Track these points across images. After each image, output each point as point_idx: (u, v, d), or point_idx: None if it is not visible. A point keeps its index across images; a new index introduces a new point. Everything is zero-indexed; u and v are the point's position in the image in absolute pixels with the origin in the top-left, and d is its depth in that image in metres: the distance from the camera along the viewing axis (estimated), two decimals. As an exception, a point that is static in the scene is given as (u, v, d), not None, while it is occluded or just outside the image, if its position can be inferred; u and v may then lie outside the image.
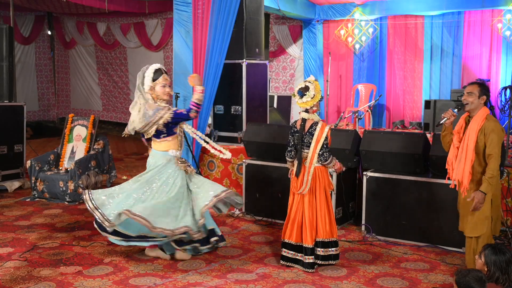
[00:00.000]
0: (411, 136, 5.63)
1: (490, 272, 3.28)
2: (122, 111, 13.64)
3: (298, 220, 4.53)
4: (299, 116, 4.58)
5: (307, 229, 4.47)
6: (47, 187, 6.93)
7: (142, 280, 4.28)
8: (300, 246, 4.53)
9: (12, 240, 5.27)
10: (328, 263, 4.55)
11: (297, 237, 4.54)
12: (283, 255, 4.61)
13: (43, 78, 14.45)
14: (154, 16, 12.40)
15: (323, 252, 4.51)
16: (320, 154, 4.41)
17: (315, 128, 4.43)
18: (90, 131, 7.39)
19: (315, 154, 4.41)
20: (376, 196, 5.47)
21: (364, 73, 10.75)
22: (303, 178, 4.46)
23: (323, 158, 4.43)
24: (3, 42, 7.68)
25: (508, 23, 9.14)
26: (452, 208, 5.05)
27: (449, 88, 9.67)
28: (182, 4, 7.15)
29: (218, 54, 6.88)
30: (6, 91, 7.69)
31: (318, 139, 4.40)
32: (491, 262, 3.29)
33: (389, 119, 10.53)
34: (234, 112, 7.15)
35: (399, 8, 9.92)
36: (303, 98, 4.45)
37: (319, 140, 4.40)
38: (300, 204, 4.53)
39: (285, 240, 4.59)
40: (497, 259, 3.28)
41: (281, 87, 11.62)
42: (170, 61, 12.01)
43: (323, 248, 4.50)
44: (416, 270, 4.57)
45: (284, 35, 11.40)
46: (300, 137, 4.48)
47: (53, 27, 14.43)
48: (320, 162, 4.44)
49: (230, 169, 6.94)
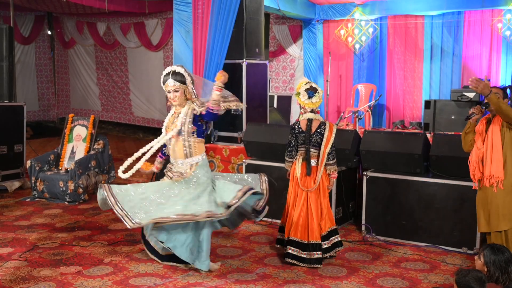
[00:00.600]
0: (411, 136, 5.63)
1: (490, 272, 3.28)
2: (122, 111, 13.63)
3: (303, 218, 4.61)
4: (303, 117, 4.69)
5: (314, 226, 4.58)
6: (47, 187, 6.93)
7: (142, 280, 4.28)
8: (304, 244, 4.58)
9: (12, 240, 5.27)
10: (335, 251, 4.74)
11: (302, 234, 4.60)
12: (289, 252, 4.64)
13: (43, 78, 14.45)
14: (154, 16, 12.40)
15: (328, 244, 4.67)
16: (329, 153, 4.61)
17: (324, 128, 4.62)
18: (90, 131, 7.39)
19: (326, 153, 4.60)
20: (376, 196, 5.47)
21: (364, 73, 10.75)
22: (315, 177, 4.61)
23: (331, 156, 4.65)
24: (3, 42, 7.68)
25: (508, 23, 9.14)
26: (452, 208, 5.06)
27: (449, 88, 9.67)
28: (182, 4, 7.15)
29: (218, 54, 6.89)
30: (6, 91, 7.69)
31: (328, 139, 4.61)
32: (491, 262, 3.29)
33: (389, 119, 10.53)
34: (234, 112, 7.15)
35: (399, 8, 9.93)
36: (312, 98, 4.59)
37: (329, 139, 4.61)
38: (305, 202, 4.63)
39: (291, 237, 4.65)
40: (496, 259, 3.28)
41: (281, 87, 11.62)
42: (170, 61, 12.00)
43: (327, 240, 4.66)
44: (416, 270, 4.57)
45: (284, 35, 11.40)
46: (308, 137, 4.60)
47: (53, 27, 14.42)
48: (329, 160, 4.63)
49: (230, 169, 6.94)
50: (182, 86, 4.39)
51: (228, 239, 5.40)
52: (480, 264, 3.36)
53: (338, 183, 5.58)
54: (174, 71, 4.39)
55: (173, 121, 4.50)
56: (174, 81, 4.36)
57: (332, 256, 4.75)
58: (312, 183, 4.61)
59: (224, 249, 5.09)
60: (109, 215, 6.24)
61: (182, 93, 4.42)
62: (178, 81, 4.37)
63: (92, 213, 6.33)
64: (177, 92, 4.40)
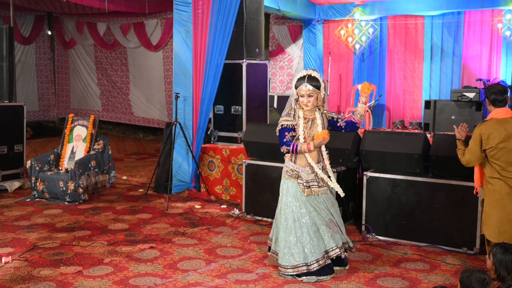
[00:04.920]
0: (411, 136, 5.63)
1: (497, 271, 3.26)
2: (122, 111, 13.64)
3: None
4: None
5: None
6: (47, 187, 6.93)
7: (142, 280, 4.28)
8: None
9: (12, 240, 5.27)
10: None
11: None
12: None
13: (43, 78, 14.45)
14: (154, 16, 12.40)
15: None
16: None
17: None
18: (90, 131, 7.39)
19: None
20: (376, 196, 5.47)
21: (364, 73, 10.75)
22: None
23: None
24: (3, 42, 7.68)
25: (508, 23, 9.14)
26: (452, 208, 5.06)
27: (449, 88, 9.67)
28: (182, 4, 7.15)
29: (218, 54, 6.89)
30: (6, 91, 7.69)
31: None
32: (498, 262, 3.26)
33: (389, 119, 10.53)
34: (234, 112, 7.15)
35: (399, 8, 9.92)
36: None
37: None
38: None
39: None
40: (503, 259, 3.25)
41: (281, 87, 11.61)
42: (170, 61, 12.00)
43: None
44: (416, 270, 4.57)
45: (284, 35, 11.40)
46: None
47: (53, 27, 14.42)
48: None
49: (230, 169, 6.94)
50: (316, 91, 4.29)
51: (228, 239, 5.40)
52: (490, 263, 3.35)
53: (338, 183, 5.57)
54: (310, 75, 4.29)
55: (308, 127, 4.37)
56: (310, 85, 4.26)
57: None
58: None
59: (224, 249, 5.09)
60: (109, 215, 6.24)
61: (315, 99, 4.32)
62: (313, 86, 4.27)
63: (92, 213, 6.33)
64: (311, 97, 4.29)
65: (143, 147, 11.84)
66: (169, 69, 12.14)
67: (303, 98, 4.30)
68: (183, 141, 7.08)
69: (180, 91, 7.16)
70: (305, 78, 4.27)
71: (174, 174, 7.14)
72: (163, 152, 7.31)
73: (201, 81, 7.02)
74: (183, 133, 7.04)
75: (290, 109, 4.44)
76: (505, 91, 4.04)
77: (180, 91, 7.14)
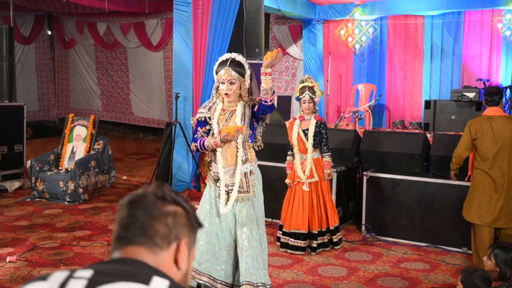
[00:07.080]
0: (411, 136, 5.64)
1: (502, 271, 3.23)
2: (122, 111, 13.63)
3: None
4: None
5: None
6: (47, 187, 6.93)
7: (142, 280, 4.27)
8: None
9: (12, 240, 5.27)
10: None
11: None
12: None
13: (43, 78, 14.44)
14: (154, 16, 12.39)
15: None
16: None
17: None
18: (90, 131, 7.38)
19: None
20: (376, 196, 5.47)
21: (364, 73, 10.75)
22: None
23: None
24: (3, 42, 7.67)
25: (508, 23, 9.14)
26: (452, 208, 5.06)
27: (449, 88, 9.67)
28: (182, 4, 7.15)
29: (218, 54, 6.87)
30: (6, 91, 7.68)
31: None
32: (502, 261, 3.23)
33: (389, 119, 10.53)
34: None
35: (399, 8, 9.92)
36: None
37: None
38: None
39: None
40: (508, 258, 3.23)
41: (281, 87, 11.60)
42: (170, 61, 12.00)
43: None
44: (416, 270, 4.57)
45: (284, 35, 11.39)
46: None
47: (53, 27, 14.42)
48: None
49: (230, 169, 6.93)
50: (240, 79, 3.59)
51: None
52: (491, 264, 3.29)
53: (338, 183, 5.59)
54: (234, 59, 3.57)
55: (224, 119, 3.68)
56: (233, 71, 3.55)
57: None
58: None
59: (224, 249, 5.09)
60: (109, 215, 6.24)
61: (238, 87, 3.61)
62: (236, 71, 3.56)
63: (92, 213, 6.32)
64: (233, 85, 3.58)
65: (143, 147, 11.84)
66: (169, 69, 12.13)
67: (223, 86, 3.56)
68: (183, 141, 7.08)
69: (180, 91, 7.15)
70: (228, 62, 3.55)
71: (174, 174, 7.14)
72: (163, 152, 7.31)
73: (201, 81, 7.01)
74: (183, 133, 7.04)
75: (209, 101, 3.78)
76: (494, 92, 4.41)
77: (180, 91, 7.14)
